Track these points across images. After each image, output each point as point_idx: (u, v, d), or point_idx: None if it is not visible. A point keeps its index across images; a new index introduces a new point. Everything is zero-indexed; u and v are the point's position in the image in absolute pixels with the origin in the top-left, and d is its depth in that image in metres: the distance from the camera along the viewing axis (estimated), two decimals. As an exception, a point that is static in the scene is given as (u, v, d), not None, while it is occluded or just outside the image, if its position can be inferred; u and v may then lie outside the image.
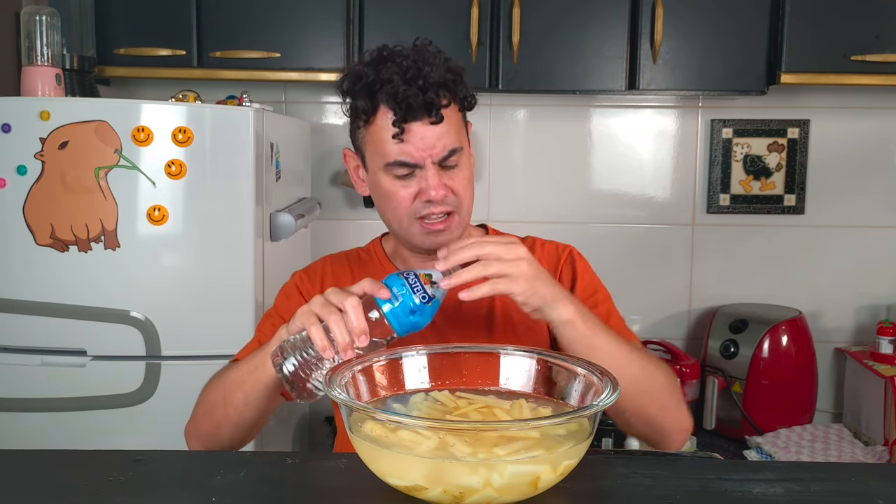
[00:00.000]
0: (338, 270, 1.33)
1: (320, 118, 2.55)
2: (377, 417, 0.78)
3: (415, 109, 1.15)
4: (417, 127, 1.16)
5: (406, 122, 1.16)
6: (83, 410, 1.80)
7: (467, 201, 1.23)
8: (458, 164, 1.21)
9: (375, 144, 1.20)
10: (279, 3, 2.17)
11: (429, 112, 1.16)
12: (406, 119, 1.15)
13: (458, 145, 1.20)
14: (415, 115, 1.15)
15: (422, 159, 1.17)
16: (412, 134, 1.16)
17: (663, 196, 2.54)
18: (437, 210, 1.19)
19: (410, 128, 1.16)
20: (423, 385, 0.94)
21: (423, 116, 1.16)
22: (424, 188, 1.18)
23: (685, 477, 0.86)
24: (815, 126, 2.50)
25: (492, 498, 0.74)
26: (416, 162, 1.17)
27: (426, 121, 1.16)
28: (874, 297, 2.53)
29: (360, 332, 0.95)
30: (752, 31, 2.17)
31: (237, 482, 0.84)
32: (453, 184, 1.20)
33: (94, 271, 1.78)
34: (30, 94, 1.86)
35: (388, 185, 1.21)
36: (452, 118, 1.20)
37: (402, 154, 1.17)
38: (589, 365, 0.89)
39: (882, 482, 0.86)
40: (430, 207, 1.19)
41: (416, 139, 1.17)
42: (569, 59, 2.18)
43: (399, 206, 1.20)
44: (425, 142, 1.17)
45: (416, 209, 1.20)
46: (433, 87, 1.15)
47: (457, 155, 1.20)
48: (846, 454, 2.14)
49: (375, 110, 1.18)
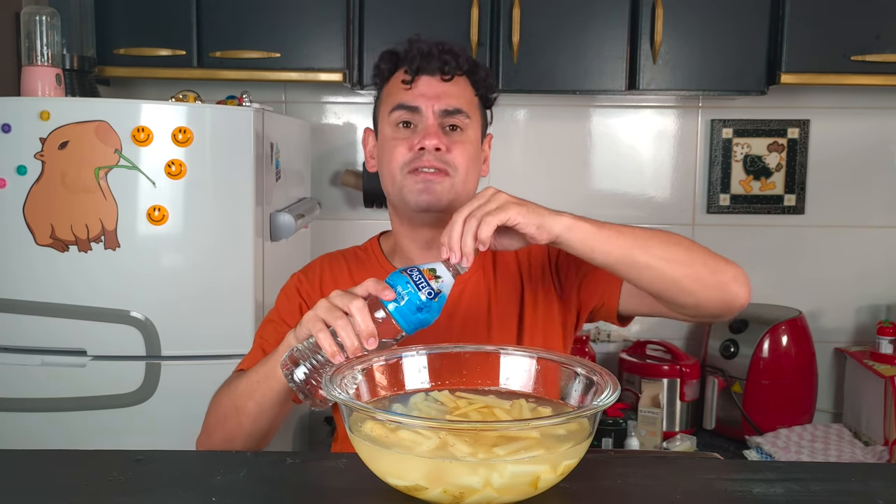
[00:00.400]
0: (336, 270, 1.33)
1: (320, 118, 2.55)
2: (377, 417, 0.78)
3: (427, 61, 1.23)
4: (427, 79, 1.24)
5: (418, 73, 1.23)
6: (83, 410, 1.80)
7: (465, 173, 1.23)
8: (462, 131, 1.24)
9: (386, 97, 1.27)
10: (279, 4, 2.17)
11: (441, 69, 1.23)
12: (418, 71, 1.23)
13: (465, 109, 1.24)
14: (427, 67, 1.23)
15: (425, 106, 1.22)
16: (420, 82, 1.24)
17: (663, 196, 2.54)
18: (429, 163, 1.21)
19: (420, 79, 1.24)
20: (423, 385, 0.94)
21: (435, 72, 1.23)
22: (420, 138, 1.22)
23: (685, 477, 0.86)
24: (815, 126, 2.50)
25: (492, 498, 0.74)
26: (418, 105, 1.22)
27: (437, 76, 1.23)
28: (874, 297, 2.53)
29: (369, 335, 0.94)
30: (752, 31, 2.17)
31: (237, 482, 0.84)
32: (453, 146, 1.22)
33: (94, 271, 1.78)
34: (30, 94, 1.86)
35: (390, 137, 1.25)
36: (466, 91, 1.26)
37: (407, 98, 1.23)
38: (589, 365, 0.90)
39: (882, 482, 0.86)
40: (423, 158, 1.21)
41: (423, 87, 1.23)
42: (569, 59, 2.18)
43: (394, 157, 1.23)
44: (432, 91, 1.23)
45: (409, 160, 1.22)
46: (451, 53, 1.24)
47: (461, 118, 1.24)
48: (846, 454, 2.14)
49: (395, 69, 1.27)
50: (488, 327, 1.26)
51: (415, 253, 1.30)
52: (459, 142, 1.23)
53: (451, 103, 1.23)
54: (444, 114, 1.22)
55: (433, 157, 1.21)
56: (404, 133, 1.24)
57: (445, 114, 1.22)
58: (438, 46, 1.24)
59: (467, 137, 1.25)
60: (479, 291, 1.29)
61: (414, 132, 1.23)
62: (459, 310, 1.26)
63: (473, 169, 1.26)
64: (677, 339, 2.55)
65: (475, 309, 1.27)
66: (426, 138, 1.21)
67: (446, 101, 1.23)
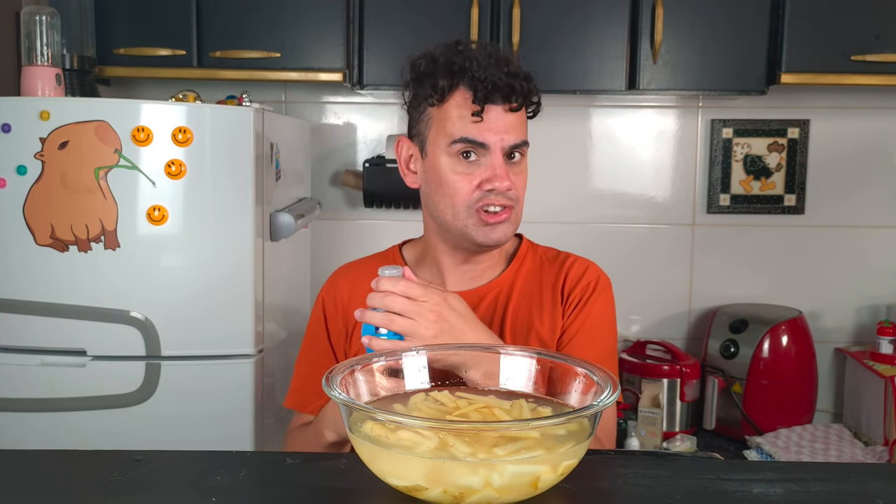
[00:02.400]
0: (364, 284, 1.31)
1: (320, 118, 2.55)
2: (377, 417, 0.78)
3: (498, 91, 1.14)
4: (495, 110, 1.16)
5: (487, 102, 1.15)
6: (83, 410, 1.80)
7: (522, 205, 1.23)
8: (521, 162, 1.21)
9: (444, 122, 1.18)
10: (279, 4, 2.17)
11: (509, 98, 1.16)
12: (487, 99, 1.15)
13: (526, 139, 1.21)
14: (496, 97, 1.15)
15: (493, 142, 1.16)
16: (489, 114, 1.16)
17: (663, 196, 2.54)
18: (499, 201, 1.18)
19: (489, 109, 1.16)
20: (423, 385, 0.94)
21: (504, 101, 1.16)
22: (490, 176, 1.16)
23: (685, 477, 0.85)
24: (815, 126, 2.50)
25: (492, 498, 0.74)
26: (486, 142, 1.16)
27: (505, 106, 1.16)
28: (874, 297, 2.53)
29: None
30: (752, 31, 2.16)
31: (237, 482, 0.84)
32: (516, 180, 1.20)
33: (94, 271, 1.78)
34: (30, 94, 1.86)
35: (449, 169, 1.18)
36: (523, 116, 1.21)
37: (474, 133, 1.16)
38: (589, 365, 0.89)
39: (882, 482, 0.86)
40: (492, 197, 1.17)
41: (492, 121, 1.16)
42: (569, 58, 2.18)
43: (457, 194, 1.18)
44: (500, 125, 1.16)
45: (476, 198, 1.18)
46: (517, 77, 1.16)
47: (522, 150, 1.21)
48: (846, 454, 2.14)
49: (454, 89, 1.17)
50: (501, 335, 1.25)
51: (448, 265, 1.28)
52: (520, 172, 1.21)
53: (518, 136, 1.18)
54: (512, 147, 1.18)
55: (502, 196, 1.18)
56: (467, 167, 1.18)
57: (512, 147, 1.18)
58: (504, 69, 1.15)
59: (524, 166, 1.23)
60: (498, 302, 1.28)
61: (477, 166, 1.18)
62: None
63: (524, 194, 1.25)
64: (677, 339, 2.55)
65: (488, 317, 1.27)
66: (496, 179, 1.16)
67: (514, 134, 1.17)
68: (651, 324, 2.57)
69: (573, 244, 1.36)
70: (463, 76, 1.16)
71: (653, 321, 2.57)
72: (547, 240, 1.40)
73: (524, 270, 1.30)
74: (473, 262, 1.28)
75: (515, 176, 1.20)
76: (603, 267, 1.33)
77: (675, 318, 2.57)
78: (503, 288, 1.28)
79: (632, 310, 2.54)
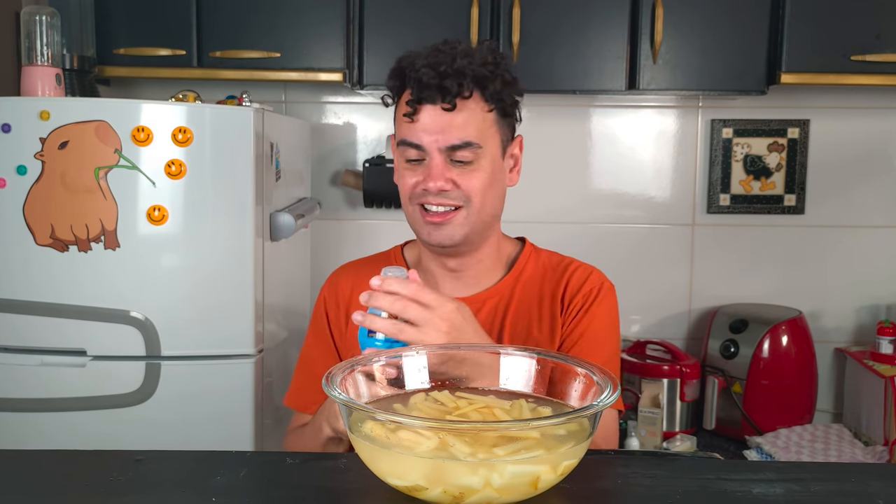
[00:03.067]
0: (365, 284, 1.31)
1: (320, 118, 2.55)
2: (377, 417, 0.78)
3: (428, 91, 1.14)
4: (429, 110, 1.16)
5: (419, 103, 1.15)
6: (83, 410, 1.80)
7: (481, 202, 1.19)
8: (474, 162, 1.17)
9: (397, 122, 1.22)
10: (279, 4, 2.17)
11: (442, 97, 1.14)
12: (420, 101, 1.15)
13: (474, 140, 1.16)
14: (427, 97, 1.15)
15: (427, 144, 1.16)
16: (422, 115, 1.16)
17: (663, 196, 2.54)
18: (436, 201, 1.18)
19: (422, 109, 1.16)
20: (423, 385, 0.94)
21: (437, 100, 1.15)
22: (424, 177, 1.17)
23: (685, 477, 0.85)
24: (815, 126, 2.50)
25: (492, 498, 0.74)
26: (422, 144, 1.16)
27: (439, 106, 1.15)
28: (874, 297, 2.53)
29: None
30: (752, 31, 2.16)
31: (237, 482, 0.84)
32: (463, 180, 1.17)
33: (94, 271, 1.78)
34: (30, 94, 1.86)
35: (400, 165, 1.21)
36: (475, 114, 1.17)
37: (410, 134, 1.17)
38: (589, 365, 0.89)
39: (882, 482, 0.86)
40: (429, 196, 1.18)
41: (426, 121, 1.16)
42: (569, 58, 2.18)
43: (403, 189, 1.21)
44: (433, 126, 1.16)
45: (418, 194, 1.19)
46: (453, 76, 1.14)
47: (471, 150, 1.16)
48: (846, 454, 2.14)
49: (402, 90, 1.20)
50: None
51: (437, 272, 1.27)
52: (473, 173, 1.17)
53: (459, 137, 1.15)
54: (451, 149, 1.16)
55: (440, 197, 1.17)
56: (412, 165, 1.19)
57: (452, 149, 1.16)
58: (440, 68, 1.13)
59: (482, 166, 1.18)
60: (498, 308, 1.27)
61: (421, 164, 1.18)
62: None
63: (491, 191, 1.20)
64: (677, 339, 2.55)
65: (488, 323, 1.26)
66: (429, 179, 1.16)
67: (450, 135, 1.15)
68: (651, 324, 2.57)
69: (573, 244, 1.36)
70: (408, 76, 1.17)
71: (653, 321, 2.57)
72: (547, 240, 1.39)
73: (525, 277, 1.28)
74: (459, 269, 1.26)
75: (463, 176, 1.17)
76: (603, 267, 1.32)
77: (675, 318, 2.57)
78: (503, 295, 1.27)
79: (632, 310, 2.54)
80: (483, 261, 1.27)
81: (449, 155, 1.16)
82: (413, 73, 1.15)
